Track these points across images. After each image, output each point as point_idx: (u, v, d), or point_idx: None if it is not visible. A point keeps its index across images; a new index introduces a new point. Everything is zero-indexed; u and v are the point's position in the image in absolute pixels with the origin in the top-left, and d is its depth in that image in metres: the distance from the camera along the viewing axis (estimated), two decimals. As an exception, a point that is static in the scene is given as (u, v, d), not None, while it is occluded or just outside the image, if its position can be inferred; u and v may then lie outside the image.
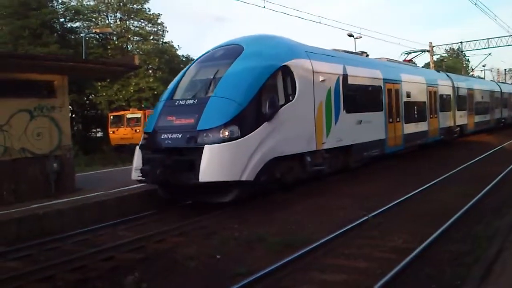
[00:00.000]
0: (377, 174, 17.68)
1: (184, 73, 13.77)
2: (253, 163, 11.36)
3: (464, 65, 75.97)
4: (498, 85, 42.90)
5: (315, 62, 14.45)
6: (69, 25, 45.64)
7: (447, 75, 28.81)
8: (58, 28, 43.74)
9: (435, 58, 50.05)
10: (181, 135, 11.29)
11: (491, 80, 56.30)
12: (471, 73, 71.22)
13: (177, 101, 12.42)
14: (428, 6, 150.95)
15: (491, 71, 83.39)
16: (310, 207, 12.07)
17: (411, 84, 21.54)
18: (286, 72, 13.12)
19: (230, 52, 13.22)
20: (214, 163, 10.74)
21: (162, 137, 11.64)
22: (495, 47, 44.53)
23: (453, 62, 78.81)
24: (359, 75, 17.15)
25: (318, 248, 8.40)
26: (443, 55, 65.69)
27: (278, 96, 12.68)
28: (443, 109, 25.73)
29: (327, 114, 14.73)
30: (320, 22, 32.10)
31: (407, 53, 28.80)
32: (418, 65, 39.63)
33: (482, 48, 45.83)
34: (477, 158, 20.86)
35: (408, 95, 21.10)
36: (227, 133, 10.99)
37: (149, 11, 47.07)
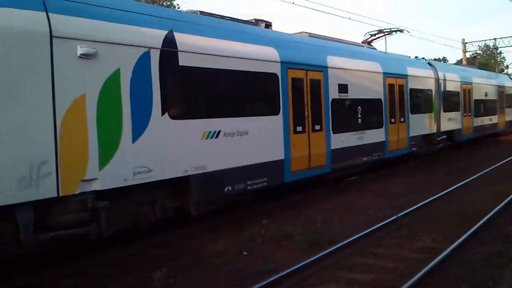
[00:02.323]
0: (405, 172, 17.44)
1: None
2: None
3: (499, 62, 74.27)
4: None
5: (59, 18, 7.40)
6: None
7: (429, 64, 21.98)
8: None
9: (467, 55, 49.02)
10: None
11: (506, 73, 48.43)
12: (506, 70, 69.50)
13: None
14: (462, 2, 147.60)
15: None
16: (338, 205, 12.02)
17: (350, 73, 14.62)
18: None
19: None
20: None
21: None
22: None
23: (486, 59, 77.08)
24: (209, 51, 9.88)
25: (345, 247, 8.35)
26: (477, 52, 64.27)
27: None
28: (418, 111, 18.98)
29: (101, 123, 7.82)
30: (350, 18, 31.43)
31: (372, 35, 21.95)
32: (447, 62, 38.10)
33: (517, 45, 44.61)
34: (509, 158, 20.38)
35: (344, 90, 14.31)
36: None
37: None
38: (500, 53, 71.87)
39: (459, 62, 49.50)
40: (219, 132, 9.93)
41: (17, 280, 7.26)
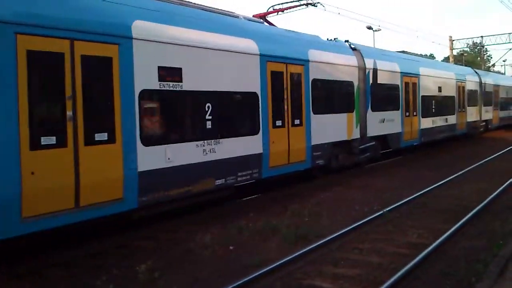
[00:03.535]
0: (393, 168, 17.54)
1: None
2: None
3: (485, 60, 74.94)
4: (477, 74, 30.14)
5: None
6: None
7: (353, 48, 16.57)
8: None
9: (455, 52, 49.37)
10: None
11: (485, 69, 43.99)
12: (492, 68, 70.15)
13: None
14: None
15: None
16: (326, 200, 12.05)
17: (188, 52, 9.75)
18: None
19: None
20: None
21: None
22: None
23: (473, 56, 77.75)
24: None
25: (332, 241, 8.38)
26: (464, 49, 64.80)
27: None
28: (328, 110, 14.30)
29: None
30: (339, 14, 31.44)
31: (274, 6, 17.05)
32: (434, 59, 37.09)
33: (503, 43, 45.09)
34: (496, 154, 20.61)
35: (174, 76, 9.51)
36: None
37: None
38: (487, 50, 72.61)
39: (446, 59, 49.85)
40: None
41: (3, 269, 7.21)
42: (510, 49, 49.02)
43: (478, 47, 66.86)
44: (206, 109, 10.03)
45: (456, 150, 22.99)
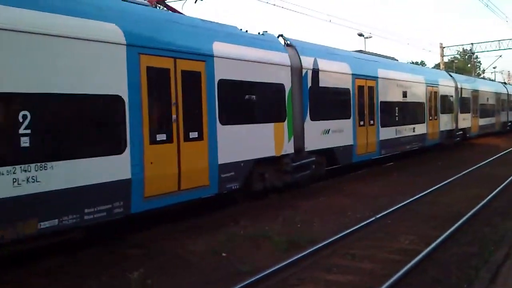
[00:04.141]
0: (385, 174, 17.59)
1: None
2: None
3: (475, 66, 75.60)
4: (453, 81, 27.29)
5: None
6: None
7: (288, 44, 13.76)
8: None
9: (446, 59, 49.78)
10: None
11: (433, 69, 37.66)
12: (482, 74, 70.76)
13: None
14: (439, 6, 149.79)
15: (502, 73, 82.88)
16: (317, 206, 12.04)
17: None
18: None
19: None
20: None
21: None
22: (506, 49, 44.40)
23: (463, 63, 78.42)
24: None
25: (323, 248, 8.37)
26: (455, 56, 65.36)
27: None
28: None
29: None
30: (330, 21, 31.44)
31: None
32: (424, 67, 36.82)
33: (493, 50, 45.60)
34: (487, 160, 20.75)
35: None
36: None
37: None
38: (477, 57, 73.23)
39: (437, 66, 50.20)
40: None
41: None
42: (500, 56, 49.48)
43: (468, 54, 67.49)
44: (20, 119, 6.88)
45: (447, 157, 23.07)
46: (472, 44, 48.48)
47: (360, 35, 40.41)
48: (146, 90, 8.82)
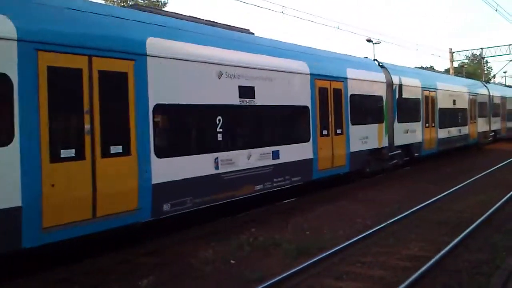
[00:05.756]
0: (395, 180, 17.52)
1: None
2: None
3: (486, 72, 75.19)
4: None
5: None
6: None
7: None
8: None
9: (455, 64, 49.57)
10: None
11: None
12: (493, 80, 70.34)
13: None
14: (450, 13, 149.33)
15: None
16: (327, 213, 12.01)
17: None
18: None
19: None
20: None
21: None
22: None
23: (474, 68, 77.96)
24: None
25: (333, 255, 8.35)
26: (464, 61, 65.08)
27: None
28: None
29: None
30: (338, 27, 31.51)
31: None
32: (435, 71, 37.19)
33: (503, 54, 45.26)
34: (498, 165, 20.61)
35: None
36: None
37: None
38: (487, 62, 72.88)
39: (446, 72, 49.96)
40: None
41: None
42: (510, 60, 49.10)
43: (478, 59, 67.15)
44: None
45: (459, 162, 22.99)
46: (482, 48, 48.27)
47: (369, 41, 40.33)
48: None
